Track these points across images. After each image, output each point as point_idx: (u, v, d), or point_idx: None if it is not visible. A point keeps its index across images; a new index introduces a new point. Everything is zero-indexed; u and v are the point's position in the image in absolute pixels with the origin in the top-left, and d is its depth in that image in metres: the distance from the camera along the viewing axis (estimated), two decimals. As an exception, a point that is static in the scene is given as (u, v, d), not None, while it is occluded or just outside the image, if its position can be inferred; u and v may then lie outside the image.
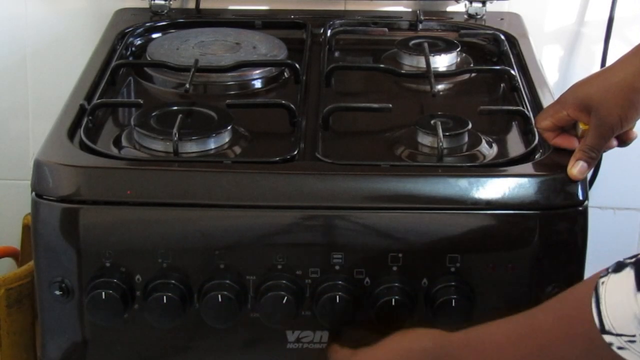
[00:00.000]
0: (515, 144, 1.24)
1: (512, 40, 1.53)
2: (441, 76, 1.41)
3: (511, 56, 1.46)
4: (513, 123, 1.29)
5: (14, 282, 1.40)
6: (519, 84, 1.35)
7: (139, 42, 1.55)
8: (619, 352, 0.84)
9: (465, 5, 1.64)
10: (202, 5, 1.66)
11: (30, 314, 1.43)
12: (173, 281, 1.12)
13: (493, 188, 1.10)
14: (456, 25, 1.61)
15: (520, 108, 1.28)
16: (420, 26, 1.60)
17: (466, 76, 1.44)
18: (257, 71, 1.41)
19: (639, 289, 0.82)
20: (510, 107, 1.31)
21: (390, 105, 1.25)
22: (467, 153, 1.20)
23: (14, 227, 1.63)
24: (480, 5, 1.63)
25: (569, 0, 1.68)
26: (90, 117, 1.24)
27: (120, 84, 1.40)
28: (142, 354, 1.19)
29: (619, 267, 0.86)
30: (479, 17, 1.63)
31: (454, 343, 1.02)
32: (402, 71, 1.42)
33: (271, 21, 1.61)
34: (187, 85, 1.30)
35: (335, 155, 1.16)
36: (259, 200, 1.10)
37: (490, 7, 1.64)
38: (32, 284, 1.36)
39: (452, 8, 1.68)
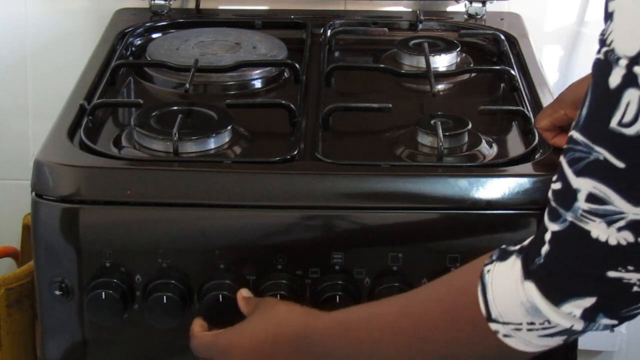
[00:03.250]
0: (515, 144, 1.24)
1: (512, 40, 1.53)
2: (441, 76, 1.41)
3: (511, 56, 1.46)
4: (513, 123, 1.29)
5: (14, 282, 1.40)
6: (519, 84, 1.35)
7: (139, 42, 1.55)
8: (505, 339, 0.84)
9: (465, 5, 1.64)
10: (202, 5, 1.66)
11: (30, 314, 1.43)
12: (173, 281, 1.12)
13: (493, 188, 1.10)
14: (456, 25, 1.61)
15: (520, 108, 1.28)
16: (420, 26, 1.60)
17: (466, 76, 1.44)
18: (257, 71, 1.41)
19: (526, 277, 0.81)
20: (510, 107, 1.31)
21: (390, 105, 1.25)
22: (467, 153, 1.20)
23: (14, 227, 1.63)
24: (480, 5, 1.63)
25: (569, 0, 1.68)
26: (90, 117, 1.24)
27: (120, 84, 1.40)
28: (142, 354, 1.19)
29: (503, 254, 0.85)
30: (479, 17, 1.63)
31: (319, 330, 0.98)
32: (402, 71, 1.42)
33: (271, 21, 1.61)
34: (187, 85, 1.30)
35: (335, 155, 1.16)
36: (259, 200, 1.10)
37: (490, 7, 1.64)
38: (32, 284, 1.36)
39: (452, 8, 1.68)
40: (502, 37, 1.52)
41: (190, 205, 1.11)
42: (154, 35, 1.57)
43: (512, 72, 1.38)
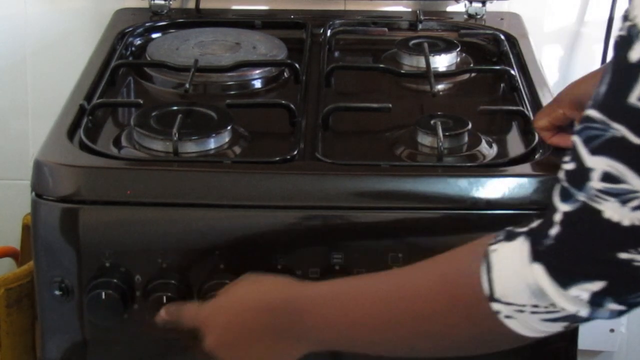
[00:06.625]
0: (515, 144, 1.24)
1: (512, 40, 1.53)
2: (441, 76, 1.41)
3: (511, 56, 1.46)
4: (513, 123, 1.29)
5: (13, 282, 1.40)
6: (519, 84, 1.35)
7: (138, 42, 1.55)
8: (505, 321, 0.82)
9: (465, 5, 1.64)
10: (202, 5, 1.66)
11: (30, 314, 1.43)
12: (173, 281, 1.12)
13: (493, 188, 1.10)
14: (456, 25, 1.61)
15: (520, 108, 1.28)
16: (420, 26, 1.60)
17: (466, 76, 1.44)
18: (257, 71, 1.41)
19: (534, 260, 0.80)
20: (510, 107, 1.31)
21: (390, 105, 1.25)
22: (467, 153, 1.20)
23: (14, 227, 1.63)
24: (480, 5, 1.63)
25: (569, 0, 1.68)
26: (90, 117, 1.24)
27: (120, 84, 1.40)
28: (142, 354, 1.19)
29: (510, 235, 0.84)
30: (478, 17, 1.63)
31: (311, 297, 0.96)
32: (402, 71, 1.42)
33: (271, 21, 1.61)
34: (187, 85, 1.30)
35: (335, 155, 1.16)
36: (259, 200, 1.10)
37: (490, 7, 1.64)
38: (32, 284, 1.36)
39: (452, 8, 1.68)
40: (502, 37, 1.52)
41: (190, 205, 1.11)
42: (154, 35, 1.57)
43: (512, 72, 1.38)
